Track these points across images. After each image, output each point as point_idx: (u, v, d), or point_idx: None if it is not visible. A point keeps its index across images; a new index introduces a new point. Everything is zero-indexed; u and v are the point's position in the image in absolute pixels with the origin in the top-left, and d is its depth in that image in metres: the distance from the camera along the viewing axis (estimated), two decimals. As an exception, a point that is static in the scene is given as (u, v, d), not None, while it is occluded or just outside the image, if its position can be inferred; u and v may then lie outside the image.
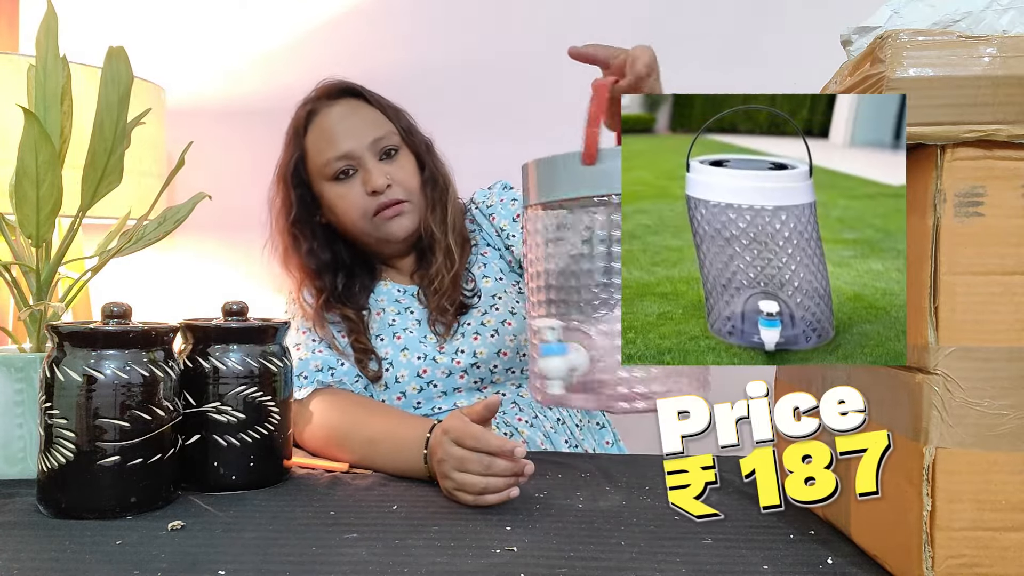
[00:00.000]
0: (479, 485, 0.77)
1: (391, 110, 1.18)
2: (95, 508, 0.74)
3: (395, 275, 1.22)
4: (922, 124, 0.56)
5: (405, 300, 1.18)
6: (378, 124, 1.14)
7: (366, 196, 1.12)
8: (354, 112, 1.15)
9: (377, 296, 1.18)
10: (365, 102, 1.17)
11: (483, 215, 1.24)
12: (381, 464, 0.93)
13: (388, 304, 1.17)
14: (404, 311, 1.16)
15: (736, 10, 1.69)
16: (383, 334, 1.14)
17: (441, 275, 1.14)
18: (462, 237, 1.19)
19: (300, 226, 1.17)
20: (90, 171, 0.89)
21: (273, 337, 0.88)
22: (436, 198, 1.17)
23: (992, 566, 0.56)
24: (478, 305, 1.16)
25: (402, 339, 1.13)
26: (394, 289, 1.19)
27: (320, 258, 1.17)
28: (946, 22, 0.61)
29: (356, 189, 1.12)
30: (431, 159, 1.20)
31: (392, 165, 1.14)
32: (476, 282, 1.18)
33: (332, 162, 1.12)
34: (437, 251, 1.15)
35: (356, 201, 1.13)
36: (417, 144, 1.18)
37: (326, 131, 1.13)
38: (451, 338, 1.13)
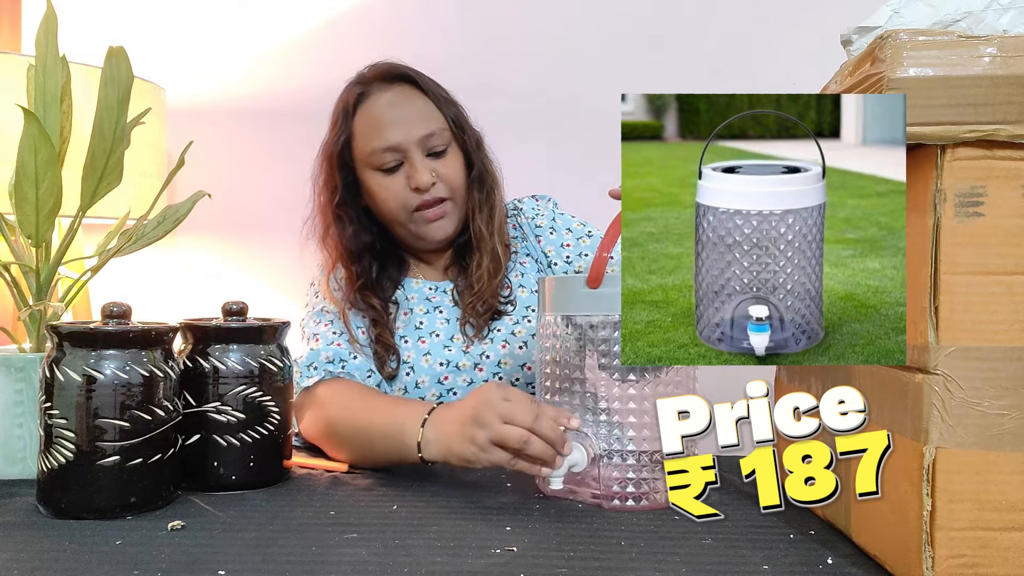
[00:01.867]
0: (521, 438, 0.73)
1: (443, 100, 1.13)
2: (95, 508, 0.74)
3: (426, 270, 1.20)
4: (922, 124, 0.56)
5: (436, 298, 1.16)
6: (429, 117, 1.11)
7: (409, 191, 1.09)
8: (406, 101, 1.11)
9: (408, 294, 1.16)
10: (418, 90, 1.13)
11: (530, 230, 1.21)
12: (376, 448, 0.90)
13: (418, 303, 1.15)
14: (433, 310, 1.14)
15: (736, 10, 1.69)
16: (408, 335, 1.12)
17: (483, 279, 1.12)
18: (504, 241, 1.17)
19: (344, 207, 1.14)
20: (90, 171, 0.89)
21: (273, 337, 0.88)
22: (483, 198, 1.15)
23: (992, 566, 0.56)
24: (511, 313, 1.14)
25: (426, 343, 1.11)
26: (425, 287, 1.17)
27: (362, 240, 1.15)
28: (946, 22, 0.61)
29: (399, 182, 1.10)
30: (480, 157, 1.16)
31: (439, 161, 1.11)
32: (512, 290, 1.16)
33: (379, 153, 1.09)
34: (483, 254, 1.13)
35: (398, 194, 1.10)
36: (467, 140, 1.15)
37: (375, 118, 1.10)
38: (479, 340, 1.11)
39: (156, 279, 1.75)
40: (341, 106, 1.14)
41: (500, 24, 1.73)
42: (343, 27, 1.73)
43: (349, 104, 1.12)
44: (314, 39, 1.73)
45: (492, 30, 1.73)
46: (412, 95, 1.12)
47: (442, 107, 1.13)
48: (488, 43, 1.73)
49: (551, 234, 1.20)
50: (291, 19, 1.73)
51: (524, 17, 1.72)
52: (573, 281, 0.79)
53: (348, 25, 1.73)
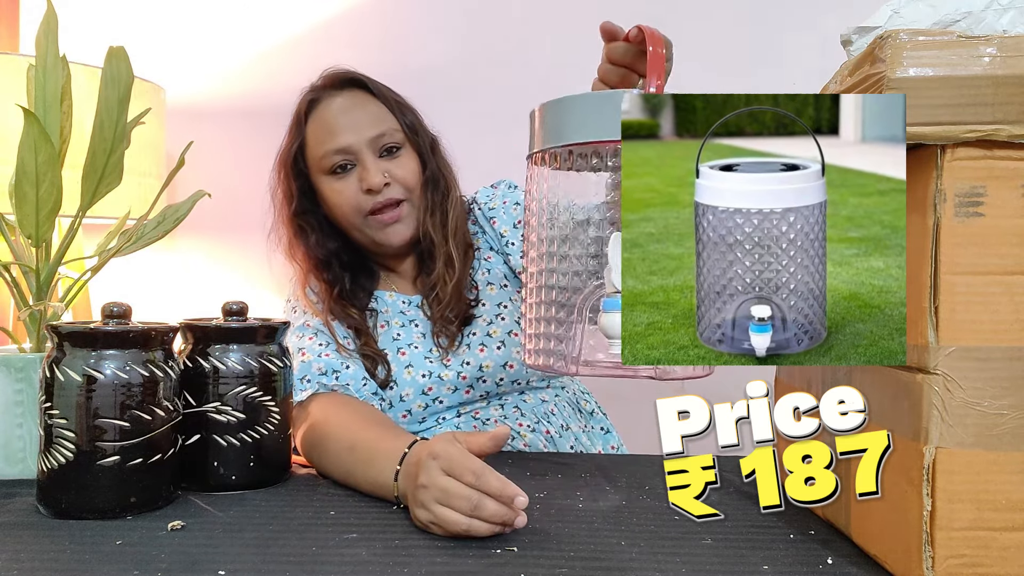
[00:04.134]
0: (461, 526, 0.68)
1: (396, 104, 1.13)
2: (95, 508, 0.74)
3: (398, 282, 1.18)
4: (922, 124, 0.56)
5: (410, 312, 1.14)
6: (380, 119, 1.10)
7: (361, 193, 1.08)
8: (357, 105, 1.11)
9: (382, 307, 1.14)
10: (370, 95, 1.12)
11: (484, 217, 1.19)
12: (355, 476, 0.84)
13: (393, 316, 1.13)
14: (408, 323, 1.13)
15: (735, 10, 1.69)
16: (387, 348, 1.10)
17: (443, 283, 1.10)
18: (464, 243, 1.14)
19: (304, 216, 1.13)
20: (90, 171, 0.89)
21: (273, 337, 0.88)
22: (436, 200, 1.13)
23: (992, 566, 0.56)
24: (483, 314, 1.12)
25: (407, 355, 1.09)
26: (399, 300, 1.15)
27: (327, 248, 1.13)
28: (946, 22, 0.61)
29: (352, 185, 1.09)
30: (435, 159, 1.14)
31: (392, 162, 1.10)
32: (480, 289, 1.14)
33: (329, 155, 1.08)
34: (437, 258, 1.11)
35: (351, 197, 1.09)
36: (421, 142, 1.13)
37: (326, 122, 1.09)
38: (455, 351, 1.09)
39: (156, 279, 1.75)
40: (295, 114, 1.14)
41: (498, 24, 1.73)
42: (343, 27, 1.73)
43: (301, 112, 1.12)
44: (314, 39, 1.73)
45: (490, 30, 1.73)
46: (363, 99, 1.12)
47: (394, 110, 1.12)
48: (487, 43, 1.73)
49: (503, 214, 1.18)
50: (291, 19, 1.73)
51: (523, 17, 1.72)
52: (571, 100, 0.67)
53: (347, 25, 1.73)
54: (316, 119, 1.11)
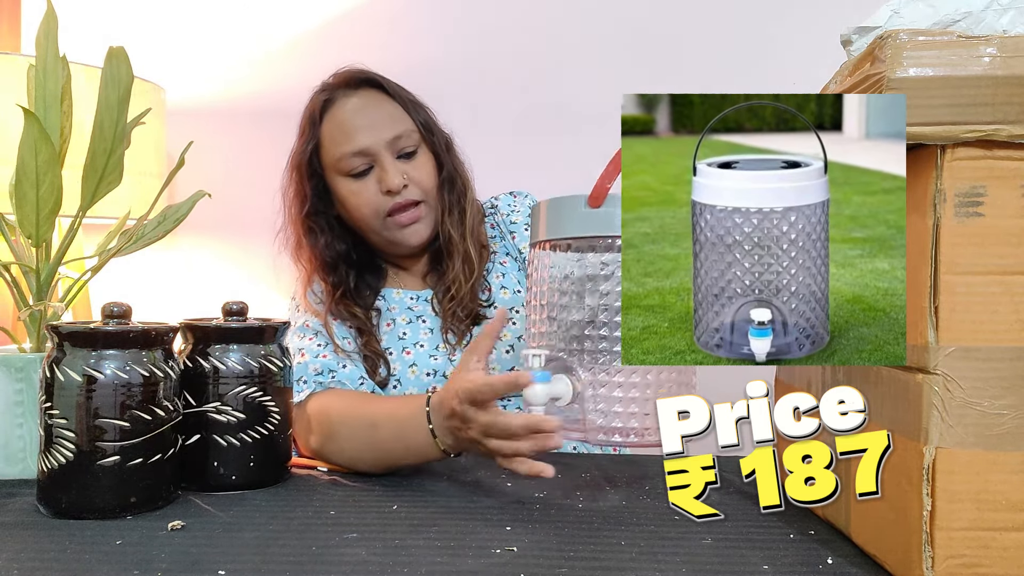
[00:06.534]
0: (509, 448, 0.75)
1: (411, 104, 1.12)
2: (95, 508, 0.74)
3: (406, 278, 1.18)
4: (922, 124, 0.56)
5: (418, 307, 1.14)
6: (397, 120, 1.10)
7: (380, 195, 1.08)
8: (373, 105, 1.10)
9: (388, 304, 1.14)
10: (385, 94, 1.12)
11: (506, 227, 1.19)
12: (386, 450, 0.88)
13: (399, 313, 1.13)
14: (416, 320, 1.12)
15: (734, 10, 1.69)
16: (392, 347, 1.09)
17: (459, 282, 1.09)
18: (480, 242, 1.14)
19: (315, 218, 1.13)
20: (90, 171, 0.89)
21: (273, 337, 0.88)
22: (454, 200, 1.13)
23: (992, 566, 0.56)
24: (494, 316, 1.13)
25: (411, 354, 1.09)
26: (406, 297, 1.15)
27: (336, 250, 1.13)
28: (946, 22, 0.61)
29: (371, 187, 1.08)
30: (450, 158, 1.14)
31: (409, 164, 1.09)
32: (493, 291, 1.14)
33: (348, 158, 1.08)
34: (455, 257, 1.11)
35: (369, 199, 1.08)
36: (436, 142, 1.13)
37: (342, 123, 1.09)
38: (463, 347, 1.09)
39: (156, 279, 1.75)
40: (307, 114, 1.13)
41: (498, 24, 1.73)
42: (343, 27, 1.73)
43: (315, 111, 1.11)
44: (314, 39, 1.73)
45: (490, 30, 1.73)
46: (379, 99, 1.11)
47: (409, 110, 1.12)
48: (487, 43, 1.73)
49: (525, 230, 1.18)
50: (291, 19, 1.73)
51: (522, 17, 1.72)
52: (571, 201, 0.75)
53: (348, 25, 1.73)
54: (331, 119, 1.10)
